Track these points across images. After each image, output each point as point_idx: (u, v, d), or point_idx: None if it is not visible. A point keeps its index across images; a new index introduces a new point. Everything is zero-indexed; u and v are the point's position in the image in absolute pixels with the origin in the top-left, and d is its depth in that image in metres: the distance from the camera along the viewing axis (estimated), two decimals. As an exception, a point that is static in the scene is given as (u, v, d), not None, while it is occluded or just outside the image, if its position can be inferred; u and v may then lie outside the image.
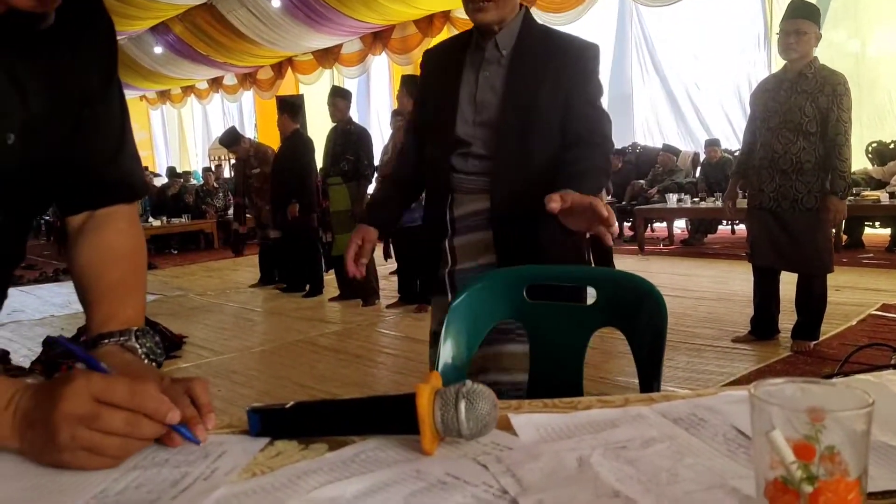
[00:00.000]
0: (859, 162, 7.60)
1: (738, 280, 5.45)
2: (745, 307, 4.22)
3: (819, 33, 3.49)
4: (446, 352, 1.40)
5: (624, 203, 8.78)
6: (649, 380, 1.30)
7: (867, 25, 7.96)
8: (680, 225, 8.85)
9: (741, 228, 6.72)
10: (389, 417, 0.74)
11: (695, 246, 8.06)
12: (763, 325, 3.85)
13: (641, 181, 8.95)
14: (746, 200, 3.78)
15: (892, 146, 7.41)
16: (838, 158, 3.35)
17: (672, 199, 7.68)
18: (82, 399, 0.69)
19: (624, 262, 6.69)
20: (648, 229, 8.88)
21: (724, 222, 8.46)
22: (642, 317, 1.34)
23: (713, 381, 3.36)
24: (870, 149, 7.56)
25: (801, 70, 3.44)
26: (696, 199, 7.78)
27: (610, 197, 8.21)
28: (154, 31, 12.04)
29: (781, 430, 0.52)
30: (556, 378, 1.42)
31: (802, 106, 3.39)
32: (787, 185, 3.44)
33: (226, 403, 3.48)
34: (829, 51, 8.17)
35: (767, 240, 3.57)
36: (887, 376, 0.83)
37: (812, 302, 3.62)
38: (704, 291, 5.40)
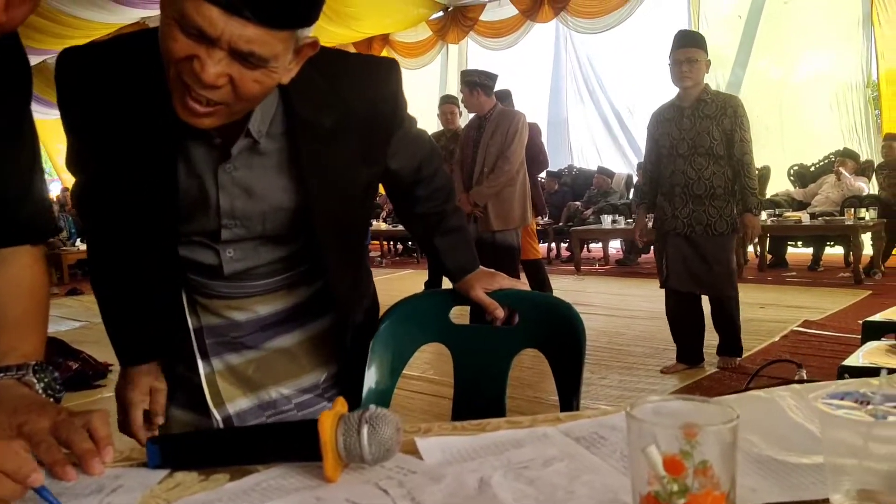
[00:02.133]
0: (782, 184, 7.96)
1: (669, 299, 5.60)
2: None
3: (708, 60, 3.59)
4: (370, 378, 1.39)
5: (560, 224, 8.94)
6: (569, 398, 1.33)
7: (790, 55, 8.37)
8: (615, 245, 9.05)
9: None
10: (293, 444, 0.73)
11: (629, 266, 8.25)
12: (691, 351, 3.85)
13: (577, 203, 9.15)
14: (653, 225, 3.84)
15: (812, 169, 7.76)
16: (748, 177, 3.48)
17: (607, 221, 7.86)
18: None
19: (561, 283, 6.81)
20: (585, 250, 9.06)
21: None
22: (562, 338, 1.36)
23: (644, 398, 3.43)
24: (791, 171, 7.90)
25: (699, 96, 3.53)
26: (629, 220, 7.98)
27: (545, 219, 8.37)
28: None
29: (659, 447, 0.54)
30: (480, 400, 1.43)
31: (710, 130, 3.48)
32: (700, 211, 3.53)
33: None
34: (755, 78, 8.58)
35: (683, 264, 3.63)
36: (778, 392, 0.86)
37: (727, 322, 3.72)
38: (637, 311, 5.52)
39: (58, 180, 14.45)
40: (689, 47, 3.50)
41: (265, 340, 1.19)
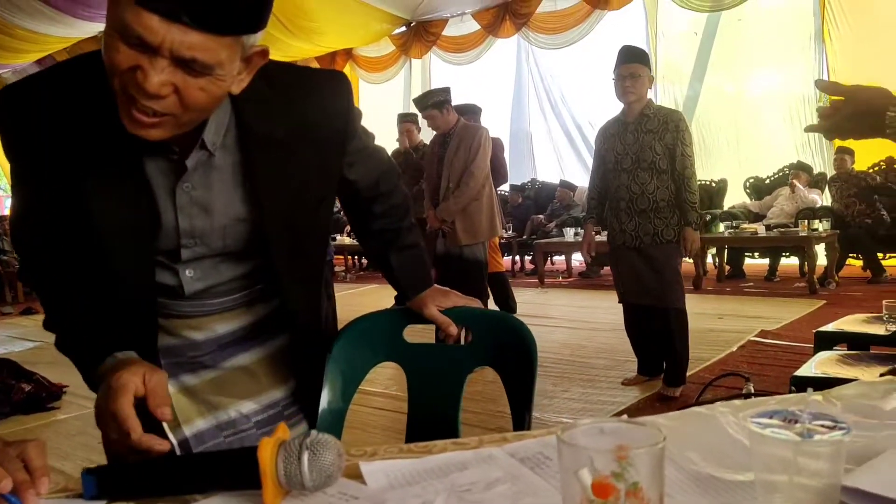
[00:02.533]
0: (739, 197, 8.14)
1: (630, 311, 5.66)
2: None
3: (651, 76, 3.63)
4: (325, 399, 1.38)
5: (524, 237, 9.01)
6: (521, 414, 1.34)
7: (745, 70, 8.59)
8: (578, 258, 9.13)
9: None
10: (232, 472, 0.72)
11: (592, 278, 8.33)
12: (650, 363, 3.86)
13: (541, 216, 9.22)
14: (607, 240, 3.81)
15: (767, 182, 7.94)
16: (688, 191, 3.49)
17: (569, 233, 7.92)
18: None
19: (525, 296, 6.84)
20: (548, 262, 9.13)
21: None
22: (514, 355, 1.37)
23: (605, 410, 3.46)
24: (747, 184, 8.07)
25: (642, 111, 3.55)
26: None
27: (508, 232, 8.43)
28: (40, 64, 11.54)
29: (592, 470, 0.55)
30: (434, 419, 1.43)
31: (652, 144, 3.50)
32: (646, 223, 3.54)
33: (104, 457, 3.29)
34: (711, 92, 8.78)
35: (635, 277, 3.62)
36: (719, 408, 0.88)
37: (676, 341, 3.60)
38: (600, 323, 5.56)
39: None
40: (631, 63, 3.53)
41: (223, 359, 1.18)
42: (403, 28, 10.56)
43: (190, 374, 1.16)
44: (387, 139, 6.58)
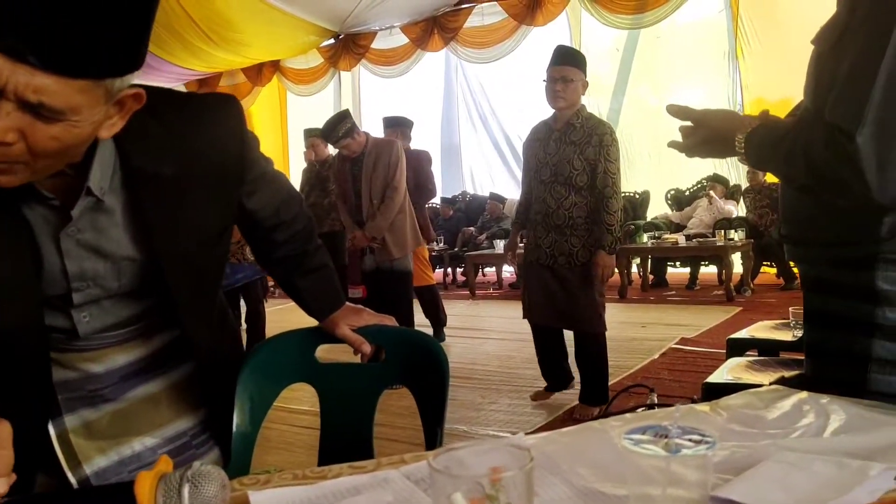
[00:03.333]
0: (660, 208, 8.40)
1: (558, 321, 5.75)
2: (562, 347, 4.43)
3: (586, 81, 3.31)
4: (234, 424, 1.35)
5: (455, 250, 9.06)
6: (434, 430, 1.34)
7: (664, 87, 8.90)
8: (508, 269, 9.24)
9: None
10: (110, 508, 0.70)
11: (521, 289, 8.44)
12: (556, 377, 3.73)
13: (471, 228, 9.30)
14: (523, 251, 3.58)
15: (686, 193, 8.23)
16: (606, 211, 3.18)
17: (500, 245, 8.01)
18: None
19: (456, 308, 6.89)
20: (479, 274, 9.21)
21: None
22: (426, 372, 1.38)
23: (531, 423, 3.49)
24: (669, 195, 8.35)
25: (570, 119, 3.25)
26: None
27: (440, 244, 8.47)
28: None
29: (466, 494, 0.55)
30: (347, 438, 1.42)
31: (571, 158, 3.22)
32: (562, 241, 3.29)
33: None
34: (633, 106, 9.07)
35: (545, 297, 3.39)
36: (610, 422, 0.90)
37: (591, 362, 3.41)
38: (528, 333, 5.59)
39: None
40: (564, 65, 3.22)
41: (126, 391, 1.13)
42: (332, 40, 10.51)
43: (90, 408, 1.10)
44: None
